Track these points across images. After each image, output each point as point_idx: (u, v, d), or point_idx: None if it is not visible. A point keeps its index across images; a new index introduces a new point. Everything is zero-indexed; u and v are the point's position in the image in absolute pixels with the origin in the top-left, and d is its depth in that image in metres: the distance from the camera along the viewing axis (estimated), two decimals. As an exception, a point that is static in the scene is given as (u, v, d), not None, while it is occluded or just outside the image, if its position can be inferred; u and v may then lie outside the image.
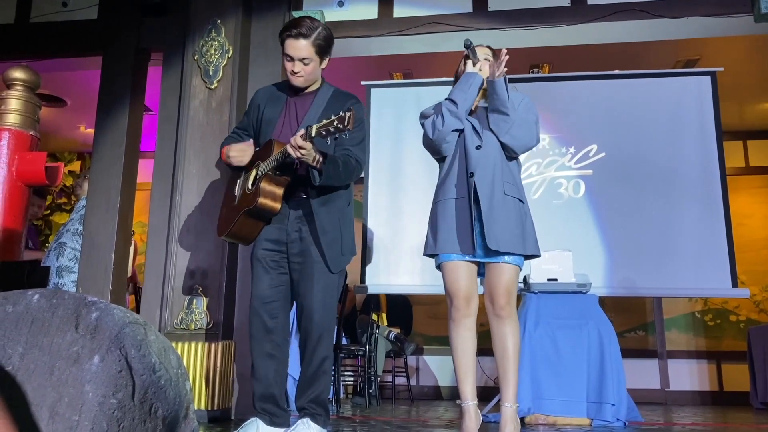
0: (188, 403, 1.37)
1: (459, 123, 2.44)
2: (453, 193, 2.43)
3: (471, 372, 2.35)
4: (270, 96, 2.70)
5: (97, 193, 3.95)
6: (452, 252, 2.38)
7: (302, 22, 2.49)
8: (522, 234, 2.37)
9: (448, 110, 2.45)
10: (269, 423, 2.50)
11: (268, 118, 2.64)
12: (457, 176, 2.45)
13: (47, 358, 1.20)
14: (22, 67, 1.98)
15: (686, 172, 4.78)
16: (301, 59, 2.49)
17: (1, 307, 1.25)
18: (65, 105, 6.52)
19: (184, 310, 3.55)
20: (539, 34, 4.16)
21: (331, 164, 2.42)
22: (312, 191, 2.50)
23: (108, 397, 1.16)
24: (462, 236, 2.35)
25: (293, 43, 2.48)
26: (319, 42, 2.49)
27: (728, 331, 6.49)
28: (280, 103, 2.65)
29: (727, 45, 5.21)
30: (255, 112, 2.70)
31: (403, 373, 6.08)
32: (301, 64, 2.51)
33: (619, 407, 3.48)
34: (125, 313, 1.29)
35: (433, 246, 2.45)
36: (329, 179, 2.43)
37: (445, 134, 2.44)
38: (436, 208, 2.48)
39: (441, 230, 2.41)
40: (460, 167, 2.45)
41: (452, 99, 2.47)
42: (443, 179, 2.50)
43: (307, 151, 2.33)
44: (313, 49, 2.49)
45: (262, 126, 2.64)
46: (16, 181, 1.83)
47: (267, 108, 2.66)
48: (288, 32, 2.49)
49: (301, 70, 2.52)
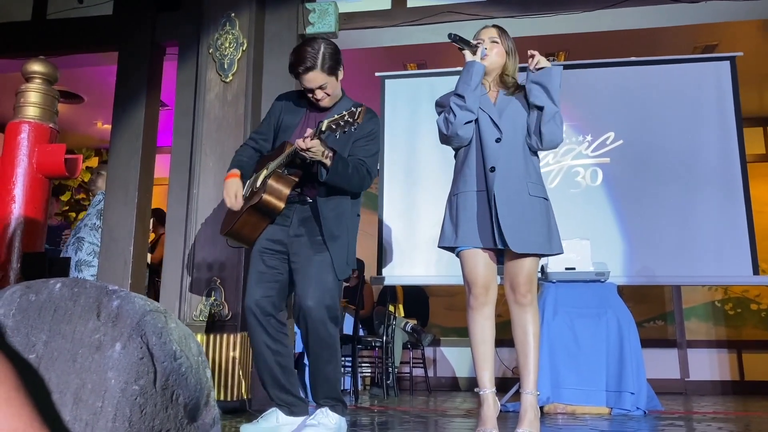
0: (209, 391, 1.38)
1: (471, 114, 2.39)
2: (473, 185, 2.38)
3: (489, 360, 2.34)
4: (290, 104, 2.71)
5: (115, 187, 3.99)
6: (473, 245, 2.34)
7: (304, 53, 2.46)
8: (548, 234, 2.36)
9: (456, 105, 2.39)
10: (288, 413, 2.51)
11: (285, 126, 2.65)
12: (475, 168, 2.40)
13: (70, 346, 1.22)
14: (40, 60, 2.00)
15: (705, 159, 4.72)
16: (318, 87, 2.52)
17: (24, 296, 1.27)
18: (82, 101, 6.58)
19: (203, 302, 3.58)
20: (554, 21, 4.12)
21: (340, 162, 2.41)
22: (320, 191, 2.50)
23: (130, 383, 1.18)
24: (483, 229, 2.33)
25: (305, 78, 2.49)
26: (328, 64, 2.49)
27: (749, 320, 6.41)
28: (300, 113, 2.66)
29: (747, 30, 5.12)
30: (275, 117, 2.71)
31: (420, 365, 6.09)
32: (321, 91, 2.53)
33: (639, 396, 3.46)
34: (146, 302, 1.30)
35: (452, 238, 2.39)
36: (336, 176, 2.41)
37: (457, 128, 2.39)
38: (456, 200, 2.42)
39: (462, 223, 2.36)
40: (477, 158, 2.41)
41: (458, 93, 2.42)
42: (461, 169, 2.46)
43: (314, 150, 2.33)
44: (325, 74, 2.50)
45: (279, 133, 2.66)
46: (36, 172, 1.85)
47: (286, 116, 2.68)
48: (296, 70, 2.49)
49: (323, 97, 2.54)
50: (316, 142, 2.32)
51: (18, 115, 1.94)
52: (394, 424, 2.90)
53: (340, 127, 2.27)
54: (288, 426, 2.49)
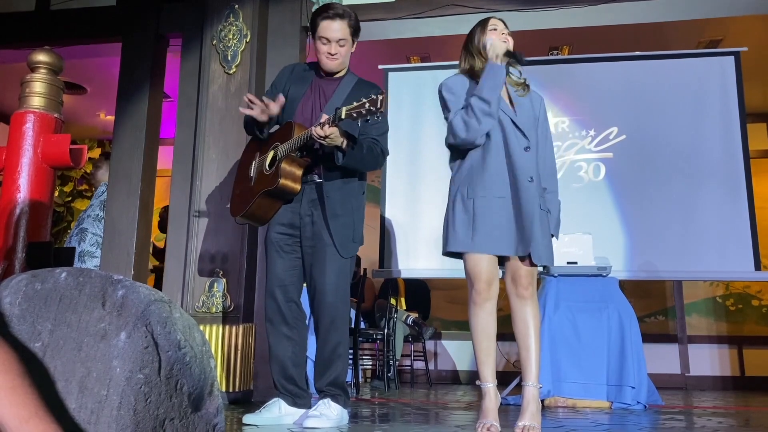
0: (212, 380, 1.39)
1: (493, 121, 2.30)
2: (495, 191, 2.29)
3: (491, 354, 2.35)
4: (297, 74, 2.70)
5: (118, 178, 4.00)
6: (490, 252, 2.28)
7: (334, 5, 2.53)
8: (551, 246, 2.37)
9: (481, 111, 2.26)
10: (291, 404, 2.53)
11: (292, 96, 2.64)
12: (497, 174, 2.31)
13: (75, 335, 1.22)
14: (45, 50, 2.00)
15: (709, 154, 4.71)
16: (337, 41, 2.52)
17: (30, 285, 1.28)
18: (85, 92, 6.58)
19: (205, 294, 3.59)
20: (558, 15, 4.11)
21: (356, 146, 2.42)
22: (328, 173, 2.50)
23: (135, 372, 1.18)
24: (503, 238, 2.27)
25: (330, 25, 2.51)
26: (353, 23, 2.55)
27: (750, 316, 6.42)
28: (306, 83, 2.65)
29: (751, 24, 5.10)
30: (281, 87, 2.69)
31: (421, 358, 6.11)
32: (338, 45, 2.54)
33: (640, 390, 3.47)
34: (150, 291, 1.31)
35: (468, 243, 2.29)
36: (352, 160, 2.42)
37: (478, 135, 2.29)
38: (474, 204, 2.30)
39: (480, 228, 2.27)
40: (499, 164, 2.32)
41: (483, 98, 2.26)
42: (479, 173, 2.33)
43: (333, 137, 2.33)
44: (349, 30, 2.54)
45: (286, 104, 2.64)
46: (42, 162, 1.86)
47: (293, 86, 2.66)
48: (324, 13, 2.52)
49: (337, 52, 2.55)
50: (334, 130, 2.32)
51: (23, 105, 1.95)
52: (395, 416, 2.91)
53: (361, 116, 2.22)
54: (290, 416, 2.51)
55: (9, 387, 1.02)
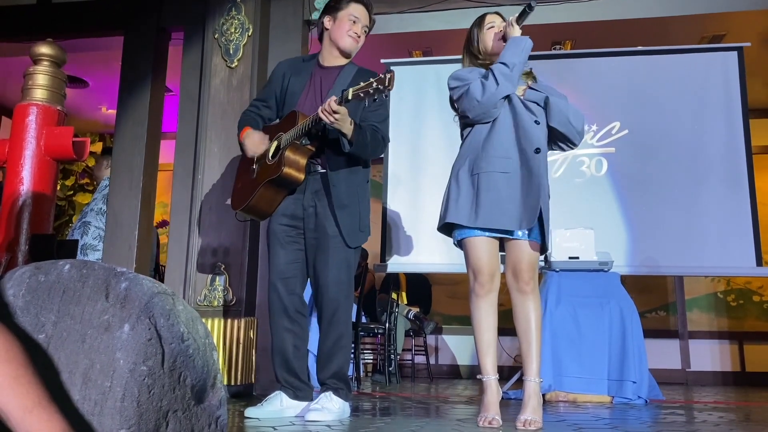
0: (216, 373, 1.39)
1: (513, 88, 2.31)
2: (498, 166, 2.29)
3: (493, 347, 2.35)
4: (294, 68, 2.70)
5: (120, 172, 4.00)
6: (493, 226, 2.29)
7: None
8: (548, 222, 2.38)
9: (501, 73, 2.26)
10: (293, 397, 2.53)
11: (292, 90, 2.63)
12: (503, 149, 2.31)
13: (79, 327, 1.23)
14: (48, 42, 2.00)
15: (711, 150, 4.70)
16: (362, 26, 2.63)
17: (33, 277, 1.28)
18: (87, 86, 6.57)
19: (207, 287, 3.60)
20: (561, 9, 4.10)
21: (360, 133, 2.41)
22: (332, 163, 2.50)
23: (138, 364, 1.19)
24: (507, 212, 2.26)
25: (361, 9, 2.62)
26: (373, 18, 2.68)
27: (751, 312, 6.42)
28: (305, 75, 2.65)
29: (755, 20, 5.09)
30: (279, 83, 2.68)
31: (422, 352, 6.12)
32: (362, 29, 2.64)
33: (641, 385, 3.47)
34: (153, 284, 1.31)
35: (471, 217, 2.28)
36: (359, 148, 2.42)
37: (496, 98, 2.28)
38: (478, 179, 2.30)
39: (484, 203, 2.27)
40: (507, 139, 2.32)
41: (505, 62, 2.28)
42: (483, 147, 2.33)
43: (342, 116, 2.31)
44: (370, 23, 2.67)
45: (287, 98, 2.63)
46: (45, 155, 1.86)
47: (292, 79, 2.65)
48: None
49: (361, 34, 2.64)
50: (343, 109, 2.31)
51: (26, 97, 1.94)
52: (396, 410, 2.92)
53: (369, 95, 2.20)
54: (292, 409, 2.51)
55: (12, 377, 1.02)
